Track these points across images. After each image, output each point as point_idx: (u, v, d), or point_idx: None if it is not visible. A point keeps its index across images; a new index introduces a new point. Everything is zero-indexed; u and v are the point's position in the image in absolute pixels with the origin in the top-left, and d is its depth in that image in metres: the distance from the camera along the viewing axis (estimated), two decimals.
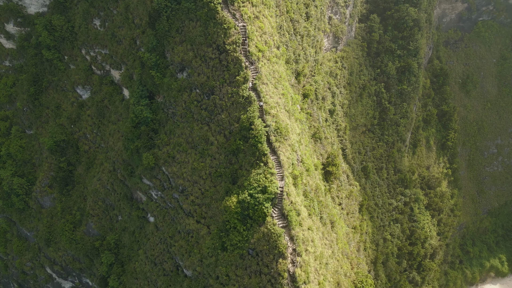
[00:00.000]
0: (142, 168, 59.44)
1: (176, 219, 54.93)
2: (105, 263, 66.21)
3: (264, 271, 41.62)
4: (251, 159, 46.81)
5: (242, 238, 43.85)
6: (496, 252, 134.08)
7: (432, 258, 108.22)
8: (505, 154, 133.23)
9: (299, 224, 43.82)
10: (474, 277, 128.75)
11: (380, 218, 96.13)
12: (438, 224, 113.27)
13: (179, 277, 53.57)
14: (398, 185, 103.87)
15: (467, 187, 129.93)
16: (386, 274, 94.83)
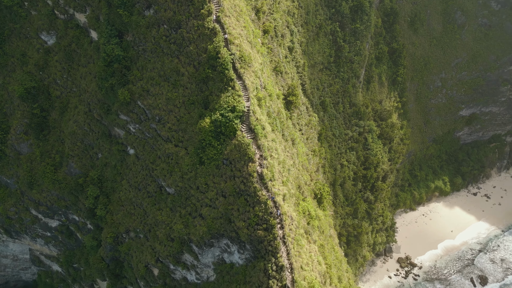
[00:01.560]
0: (118, 104, 64.11)
1: (155, 146, 61.19)
2: (91, 196, 72.04)
3: (237, 175, 49.67)
4: (220, 85, 53.02)
5: (217, 151, 51.24)
6: (440, 174, 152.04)
7: (384, 180, 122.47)
8: (448, 86, 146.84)
9: (264, 136, 51.62)
10: (421, 197, 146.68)
11: (337, 147, 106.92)
12: (389, 152, 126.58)
13: (163, 195, 60.97)
14: (353, 117, 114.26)
15: (415, 119, 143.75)
16: (344, 195, 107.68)
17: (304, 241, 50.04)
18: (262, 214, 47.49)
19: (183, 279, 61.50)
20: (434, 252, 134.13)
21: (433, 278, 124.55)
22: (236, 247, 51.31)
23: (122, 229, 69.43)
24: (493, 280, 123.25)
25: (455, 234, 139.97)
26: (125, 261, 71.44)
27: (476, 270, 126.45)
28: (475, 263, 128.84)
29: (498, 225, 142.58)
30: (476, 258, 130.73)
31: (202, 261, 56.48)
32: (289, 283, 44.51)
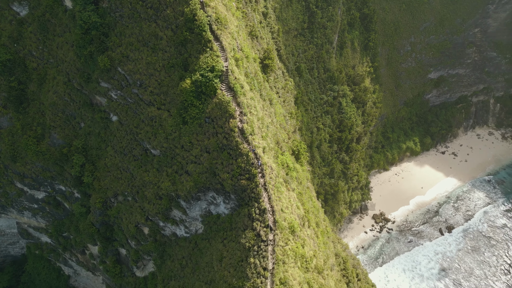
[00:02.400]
0: (98, 71, 65.33)
1: (138, 111, 63.37)
2: (77, 164, 73.91)
3: (219, 131, 52.99)
4: (198, 46, 55.29)
5: (199, 111, 54.17)
6: (411, 136, 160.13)
7: (358, 142, 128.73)
8: (417, 50, 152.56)
9: (243, 94, 54.79)
10: (393, 158, 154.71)
11: (313, 111, 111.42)
12: (362, 115, 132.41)
13: (149, 157, 63.82)
14: (327, 82, 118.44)
15: (387, 83, 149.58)
16: (321, 156, 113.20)
17: (283, 188, 54.55)
18: (244, 165, 51.32)
19: (172, 235, 65.48)
20: (406, 208, 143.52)
21: (405, 231, 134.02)
22: (222, 198, 55.32)
23: (110, 194, 72.15)
24: (458, 228, 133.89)
25: (425, 190, 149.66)
26: (115, 224, 74.60)
27: (444, 221, 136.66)
28: (443, 215, 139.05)
29: (464, 180, 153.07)
30: (443, 210, 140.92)
31: (190, 215, 60.42)
32: (271, 224, 49.10)
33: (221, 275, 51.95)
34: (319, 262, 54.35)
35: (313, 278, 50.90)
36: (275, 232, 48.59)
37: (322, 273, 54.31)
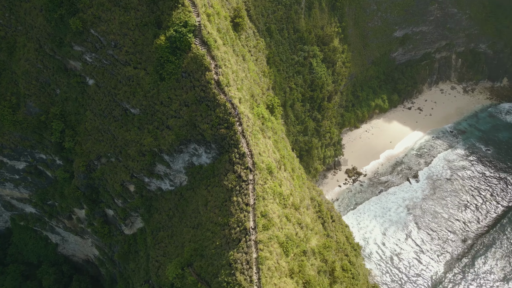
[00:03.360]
0: (70, 35, 65.77)
1: (114, 72, 64.88)
2: (56, 130, 74.99)
3: (196, 84, 55.91)
4: (170, 3, 56.88)
5: (175, 66, 56.60)
6: (379, 93, 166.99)
7: (329, 101, 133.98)
8: (383, 9, 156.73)
9: (217, 48, 57.46)
10: (363, 116, 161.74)
11: (285, 71, 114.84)
12: (332, 74, 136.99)
13: (129, 117, 66.07)
14: (297, 43, 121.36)
15: (355, 42, 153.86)
16: (294, 115, 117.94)
17: (260, 135, 58.72)
18: (222, 115, 54.82)
19: (158, 189, 69.07)
20: (376, 161, 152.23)
21: (376, 182, 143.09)
22: (203, 149, 58.99)
23: (93, 157, 74.30)
24: (423, 175, 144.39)
25: (394, 144, 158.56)
26: (100, 186, 77.26)
27: (411, 170, 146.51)
28: (410, 165, 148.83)
29: (429, 133, 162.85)
30: (410, 160, 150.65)
31: (174, 168, 63.96)
32: (250, 166, 53.47)
33: (207, 217, 56.51)
34: (296, 200, 59.78)
35: (290, 213, 56.30)
36: (254, 172, 53.11)
37: (299, 210, 59.86)
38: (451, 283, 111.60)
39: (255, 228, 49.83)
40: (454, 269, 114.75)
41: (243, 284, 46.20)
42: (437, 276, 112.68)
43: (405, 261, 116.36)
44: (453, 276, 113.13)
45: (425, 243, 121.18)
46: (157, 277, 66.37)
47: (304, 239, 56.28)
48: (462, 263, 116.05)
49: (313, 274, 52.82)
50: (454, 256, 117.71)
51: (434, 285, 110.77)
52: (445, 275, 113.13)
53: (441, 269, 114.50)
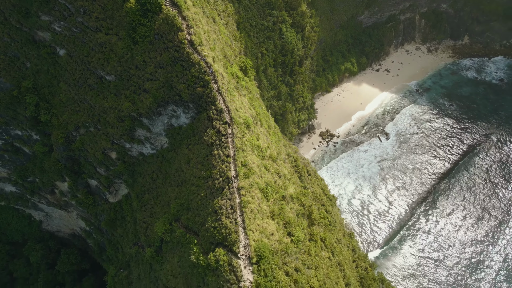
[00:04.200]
0: (36, 4, 64.95)
1: (86, 40, 65.05)
2: (31, 104, 74.83)
3: (170, 45, 57.42)
4: None
5: (147, 28, 57.68)
6: (348, 57, 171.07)
7: (300, 65, 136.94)
8: None
9: (187, 9, 58.74)
10: (334, 80, 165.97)
11: (255, 36, 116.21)
12: (302, 39, 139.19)
13: (104, 84, 66.90)
14: (266, 8, 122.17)
15: (322, 7, 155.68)
16: (267, 80, 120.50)
17: (235, 93, 61.35)
18: (198, 74, 56.91)
19: (139, 154, 71.11)
20: (348, 123, 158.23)
21: (349, 142, 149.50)
22: (181, 109, 61.18)
23: (71, 128, 74.95)
24: (392, 132, 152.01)
25: (364, 106, 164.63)
26: (81, 157, 78.37)
27: (381, 129, 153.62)
28: (380, 124, 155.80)
29: (396, 93, 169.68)
30: (380, 120, 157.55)
31: (154, 131, 65.98)
32: (228, 121, 56.36)
33: (190, 173, 59.51)
34: (273, 153, 63.51)
35: (268, 164, 60.08)
36: (232, 127, 56.09)
37: (276, 162, 63.74)
38: (417, 224, 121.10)
39: (236, 176, 53.33)
40: (420, 213, 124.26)
41: (229, 226, 50.04)
42: (405, 221, 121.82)
43: (378, 211, 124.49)
44: (418, 218, 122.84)
45: (395, 194, 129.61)
46: (146, 237, 69.53)
47: (282, 186, 60.45)
48: (426, 207, 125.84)
49: (293, 216, 57.33)
50: (421, 202, 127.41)
51: (401, 227, 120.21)
52: (411, 219, 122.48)
53: (409, 214, 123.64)
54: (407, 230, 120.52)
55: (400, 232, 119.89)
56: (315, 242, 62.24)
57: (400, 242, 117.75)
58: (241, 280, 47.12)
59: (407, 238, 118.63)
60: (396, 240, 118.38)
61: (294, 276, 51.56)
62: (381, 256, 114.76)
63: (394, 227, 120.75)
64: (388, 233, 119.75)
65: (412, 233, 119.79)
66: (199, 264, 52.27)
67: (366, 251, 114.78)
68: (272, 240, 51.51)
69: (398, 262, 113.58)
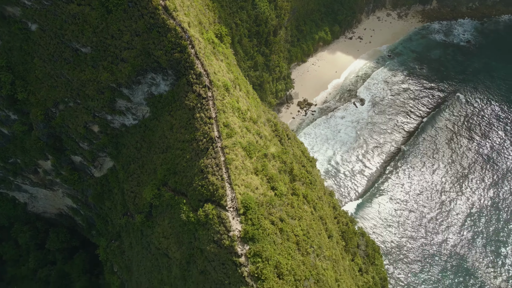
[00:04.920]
0: None
1: (58, 12, 64.33)
2: (6, 82, 73.89)
3: (145, 12, 57.89)
4: None
5: None
6: (322, 26, 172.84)
7: (275, 35, 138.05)
8: None
9: None
10: (309, 49, 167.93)
11: (229, 7, 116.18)
12: (275, 9, 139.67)
13: (81, 57, 66.81)
14: None
15: None
16: (243, 50, 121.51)
17: (212, 57, 62.88)
18: (174, 39, 57.92)
19: (122, 126, 72.10)
20: (325, 91, 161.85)
21: (326, 110, 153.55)
22: (160, 76, 62.31)
23: (50, 104, 74.81)
24: (367, 97, 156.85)
25: (340, 74, 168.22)
26: (63, 134, 78.58)
27: (356, 95, 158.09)
28: (355, 90, 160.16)
29: (370, 59, 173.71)
30: (355, 86, 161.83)
31: (134, 101, 66.98)
32: (208, 84, 58.11)
33: (174, 139, 61.41)
34: (253, 115, 65.97)
35: (249, 125, 62.60)
36: (212, 89, 57.94)
37: (257, 123, 66.33)
38: (390, 179, 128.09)
39: (219, 137, 55.69)
40: (393, 168, 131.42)
41: (215, 183, 52.76)
42: (379, 177, 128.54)
43: (354, 171, 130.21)
44: (391, 174, 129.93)
45: (370, 154, 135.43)
46: (135, 206, 71.61)
47: (264, 146, 63.31)
48: (398, 163, 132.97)
49: (275, 172, 60.54)
50: (393, 158, 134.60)
51: (375, 182, 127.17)
52: (385, 173, 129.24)
53: (383, 170, 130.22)
54: (381, 184, 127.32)
55: (375, 186, 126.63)
56: (297, 196, 65.98)
57: (374, 196, 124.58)
58: (230, 230, 50.31)
59: (382, 192, 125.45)
60: (371, 194, 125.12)
61: (279, 225, 55.21)
62: (357, 209, 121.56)
63: (370, 183, 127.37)
64: (364, 188, 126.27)
65: (386, 187, 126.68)
66: (189, 221, 55.09)
67: (343, 204, 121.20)
68: (257, 193, 54.68)
69: (372, 214, 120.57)
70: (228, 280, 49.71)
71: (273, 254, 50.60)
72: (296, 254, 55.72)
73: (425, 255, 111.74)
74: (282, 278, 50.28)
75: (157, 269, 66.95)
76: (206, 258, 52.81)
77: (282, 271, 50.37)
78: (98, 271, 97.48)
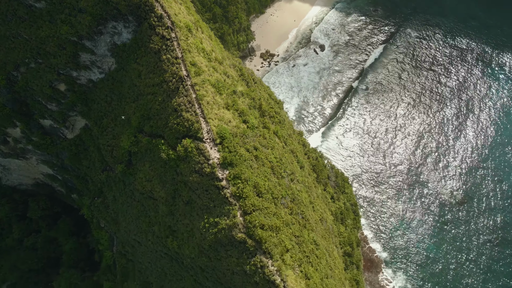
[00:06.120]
0: None
1: None
2: None
3: None
4: None
5: None
6: None
7: None
8: None
9: None
10: (266, 0, 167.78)
11: None
12: None
13: (36, 13, 65.50)
14: None
15: None
16: (200, 2, 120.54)
17: (171, 0, 63.71)
18: None
19: (89, 81, 72.36)
20: (286, 41, 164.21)
21: (288, 59, 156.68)
22: (122, 24, 62.69)
23: (10, 68, 73.40)
24: (325, 43, 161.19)
25: (298, 22, 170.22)
26: (28, 97, 77.74)
27: (316, 42, 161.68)
28: (314, 37, 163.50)
29: (326, 5, 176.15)
30: (314, 33, 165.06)
31: (98, 53, 67.23)
32: (170, 25, 59.38)
33: (144, 85, 63.06)
34: (218, 56, 68.27)
35: (216, 66, 65.07)
36: (175, 30, 59.46)
37: (223, 64, 68.86)
38: (347, 112, 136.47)
39: (188, 75, 58.10)
40: (350, 103, 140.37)
41: (190, 119, 55.85)
42: (338, 113, 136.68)
43: (318, 114, 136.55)
44: (348, 108, 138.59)
45: (333, 93, 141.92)
46: (113, 158, 73.67)
47: (232, 85, 66.35)
48: (352, 96, 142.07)
49: (245, 107, 64.20)
50: (351, 93, 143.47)
51: (335, 118, 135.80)
52: (343, 107, 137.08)
53: (340, 108, 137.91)
54: (340, 120, 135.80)
55: (335, 123, 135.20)
56: (268, 129, 70.42)
57: (334, 132, 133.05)
58: (210, 159, 54.27)
59: (341, 128, 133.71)
60: (332, 130, 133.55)
61: (254, 153, 59.72)
62: (321, 146, 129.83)
63: (329, 121, 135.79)
64: (326, 126, 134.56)
65: (345, 123, 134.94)
66: (170, 159, 58.44)
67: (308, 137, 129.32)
68: (230, 126, 58.44)
69: (332, 146, 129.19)
70: (213, 203, 54.27)
71: (251, 176, 55.35)
72: (271, 177, 60.90)
73: (385, 176, 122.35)
74: (261, 196, 55.44)
75: (144, 213, 70.57)
76: (190, 188, 56.87)
77: (261, 190, 55.44)
78: (84, 232, 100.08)
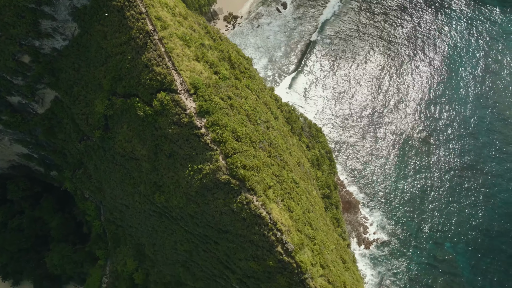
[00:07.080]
0: None
1: None
2: None
3: None
4: None
5: None
6: None
7: None
8: None
9: None
10: None
11: None
12: None
13: None
14: None
15: None
16: None
17: None
18: None
19: (53, 50, 71.05)
20: (248, 2, 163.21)
21: (251, 19, 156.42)
22: None
23: None
24: (288, 0, 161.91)
25: None
26: None
27: (277, 0, 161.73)
28: None
29: None
30: None
31: (59, 18, 65.95)
32: None
33: (111, 45, 63.02)
34: (182, 11, 68.55)
35: (181, 20, 65.59)
36: None
37: (188, 19, 69.29)
38: (305, 69, 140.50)
39: (155, 30, 58.67)
40: (312, 54, 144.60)
41: (162, 72, 57.03)
42: (300, 66, 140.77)
43: (285, 70, 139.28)
44: (306, 64, 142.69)
45: (299, 48, 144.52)
46: (89, 126, 74.02)
47: (199, 38, 67.29)
48: (312, 48, 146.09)
49: (215, 59, 65.67)
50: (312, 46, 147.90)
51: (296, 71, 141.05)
52: (307, 57, 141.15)
53: (300, 65, 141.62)
54: (302, 72, 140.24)
55: (297, 76, 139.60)
56: (239, 80, 72.48)
57: (298, 80, 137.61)
58: (186, 109, 56.22)
59: (306, 77, 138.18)
60: (296, 84, 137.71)
61: (228, 102, 61.95)
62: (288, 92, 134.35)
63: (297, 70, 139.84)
64: (290, 80, 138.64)
65: (309, 74, 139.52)
66: (147, 115, 59.87)
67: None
68: (202, 77, 60.09)
69: (299, 98, 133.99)
70: (195, 151, 56.74)
71: (228, 122, 57.88)
72: (248, 124, 63.67)
73: (353, 121, 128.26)
74: (240, 140, 58.30)
75: (128, 175, 72.21)
76: (171, 140, 58.90)
77: (239, 135, 58.21)
78: (69, 207, 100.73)
